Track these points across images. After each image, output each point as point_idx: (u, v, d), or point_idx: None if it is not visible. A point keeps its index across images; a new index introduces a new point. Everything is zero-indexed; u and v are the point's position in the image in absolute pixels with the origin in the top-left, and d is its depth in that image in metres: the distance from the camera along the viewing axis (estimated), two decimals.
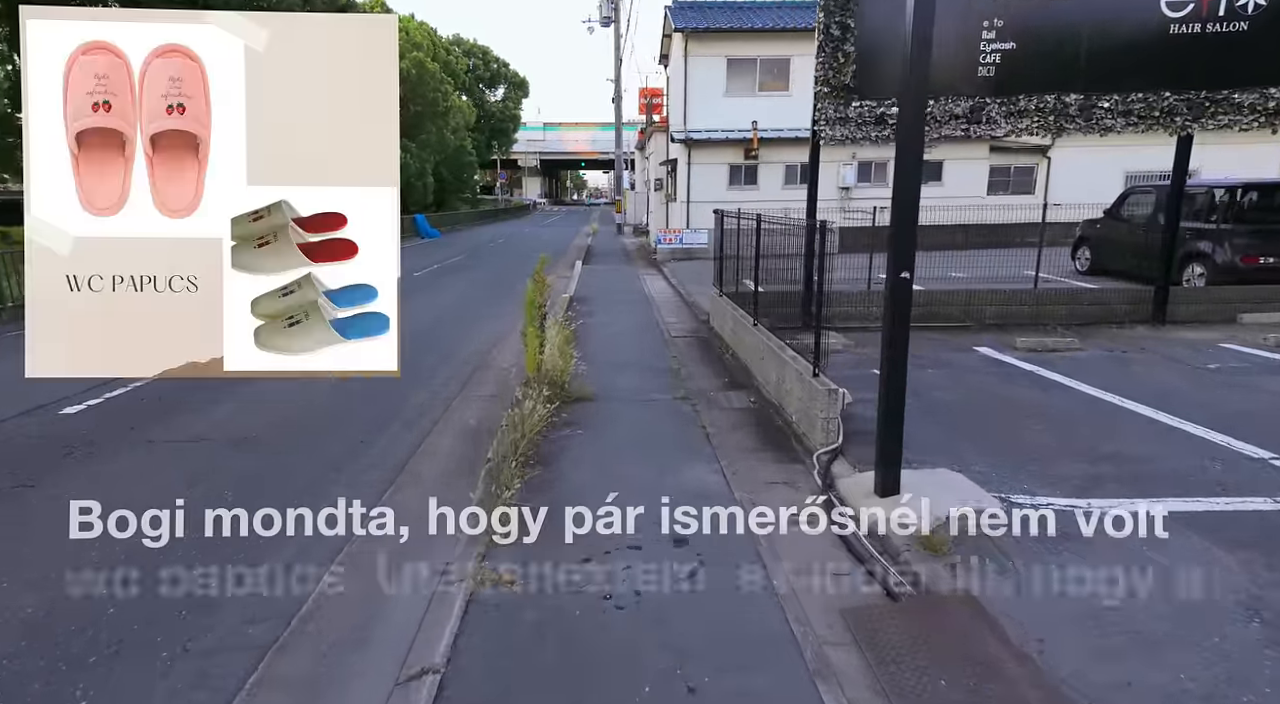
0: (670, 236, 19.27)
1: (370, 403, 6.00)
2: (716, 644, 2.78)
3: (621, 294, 13.35)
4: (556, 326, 7.19)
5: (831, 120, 8.48)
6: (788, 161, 19.73)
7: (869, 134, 8.55)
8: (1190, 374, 6.61)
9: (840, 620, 2.89)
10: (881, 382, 3.81)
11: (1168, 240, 8.82)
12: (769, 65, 19.61)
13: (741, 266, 8.20)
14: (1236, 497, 3.96)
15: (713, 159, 19.72)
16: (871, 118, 8.47)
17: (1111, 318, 9.22)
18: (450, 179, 41.36)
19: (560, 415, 5.47)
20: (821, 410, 4.68)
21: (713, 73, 19.60)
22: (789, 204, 18.50)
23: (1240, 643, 2.71)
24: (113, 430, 5.32)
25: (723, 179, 19.93)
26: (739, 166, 19.95)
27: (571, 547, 3.38)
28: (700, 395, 6.34)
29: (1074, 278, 12.30)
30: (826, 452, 4.55)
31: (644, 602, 3.06)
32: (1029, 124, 8.44)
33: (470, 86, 55.43)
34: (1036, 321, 9.16)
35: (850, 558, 3.42)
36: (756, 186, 19.86)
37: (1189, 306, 9.31)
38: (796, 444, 5.02)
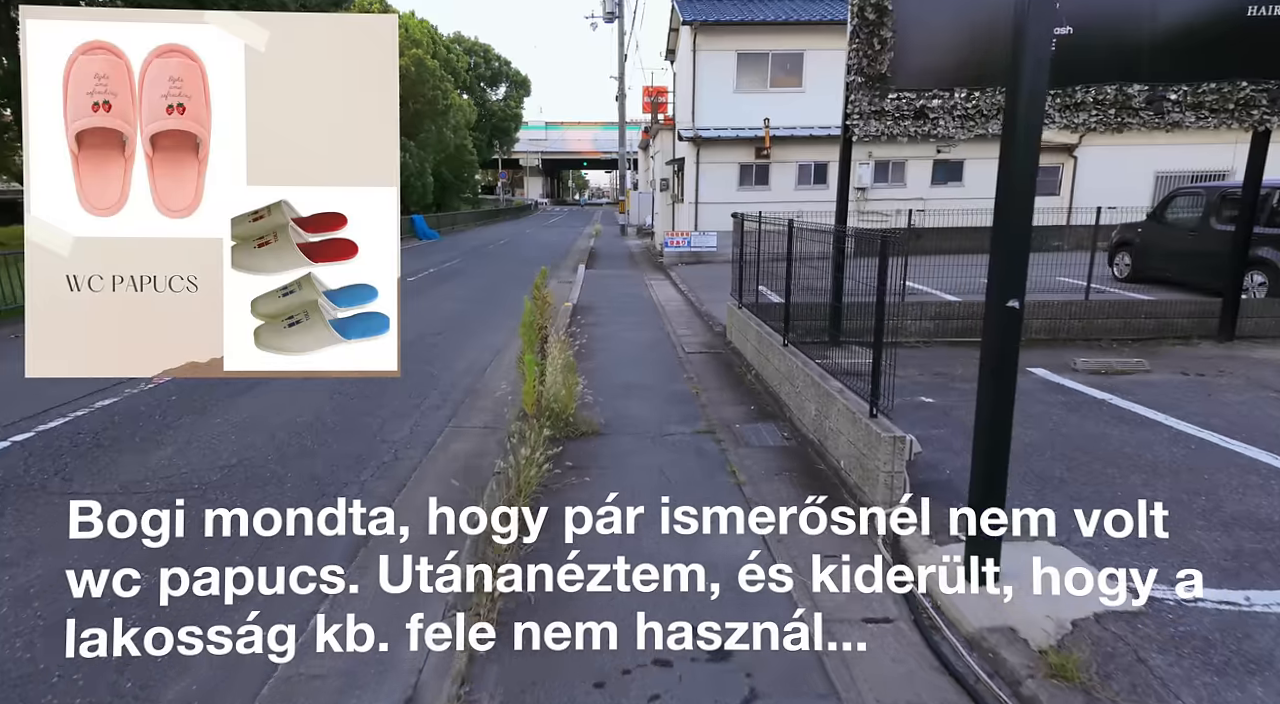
0: (678, 239, 18.45)
1: (343, 438, 5.15)
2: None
3: (628, 302, 12.51)
4: (559, 346, 6.33)
5: (865, 114, 7.62)
6: (801, 161, 18.90)
7: (907, 129, 7.68)
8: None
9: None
10: (979, 443, 2.96)
11: (1240, 246, 7.95)
12: (781, 60, 18.78)
13: (764, 275, 7.34)
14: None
15: (722, 158, 18.87)
16: (910, 111, 7.61)
17: (1171, 332, 8.35)
18: (451, 179, 40.66)
19: (563, 459, 4.61)
20: (884, 462, 3.82)
21: (722, 68, 18.84)
22: (802, 205, 17.52)
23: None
24: (31, 475, 4.45)
25: (732, 179, 19.06)
26: (749, 166, 19.07)
27: (576, 661, 2.52)
28: (724, 428, 5.50)
29: (1114, 285, 11.42)
30: (896, 519, 3.67)
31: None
32: (1086, 119, 7.58)
33: (471, 85, 54.71)
34: (1088, 337, 8.30)
35: (954, 685, 2.55)
36: (768, 187, 18.97)
37: (1254, 320, 8.44)
38: (848, 498, 4.17)
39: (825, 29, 17.86)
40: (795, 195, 18.28)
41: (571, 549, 3.50)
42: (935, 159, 18.61)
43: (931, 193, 18.38)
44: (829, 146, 17.95)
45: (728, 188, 18.86)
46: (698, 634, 2.68)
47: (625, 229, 30.97)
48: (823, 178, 18.70)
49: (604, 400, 5.99)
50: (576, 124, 70.07)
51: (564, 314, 10.38)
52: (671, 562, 3.26)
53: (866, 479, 4.03)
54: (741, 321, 8.01)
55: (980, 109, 7.48)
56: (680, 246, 18.29)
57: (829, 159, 18.05)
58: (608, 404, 5.92)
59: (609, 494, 4.16)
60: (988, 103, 7.44)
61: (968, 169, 18.71)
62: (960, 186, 18.64)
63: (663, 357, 8.16)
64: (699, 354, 8.31)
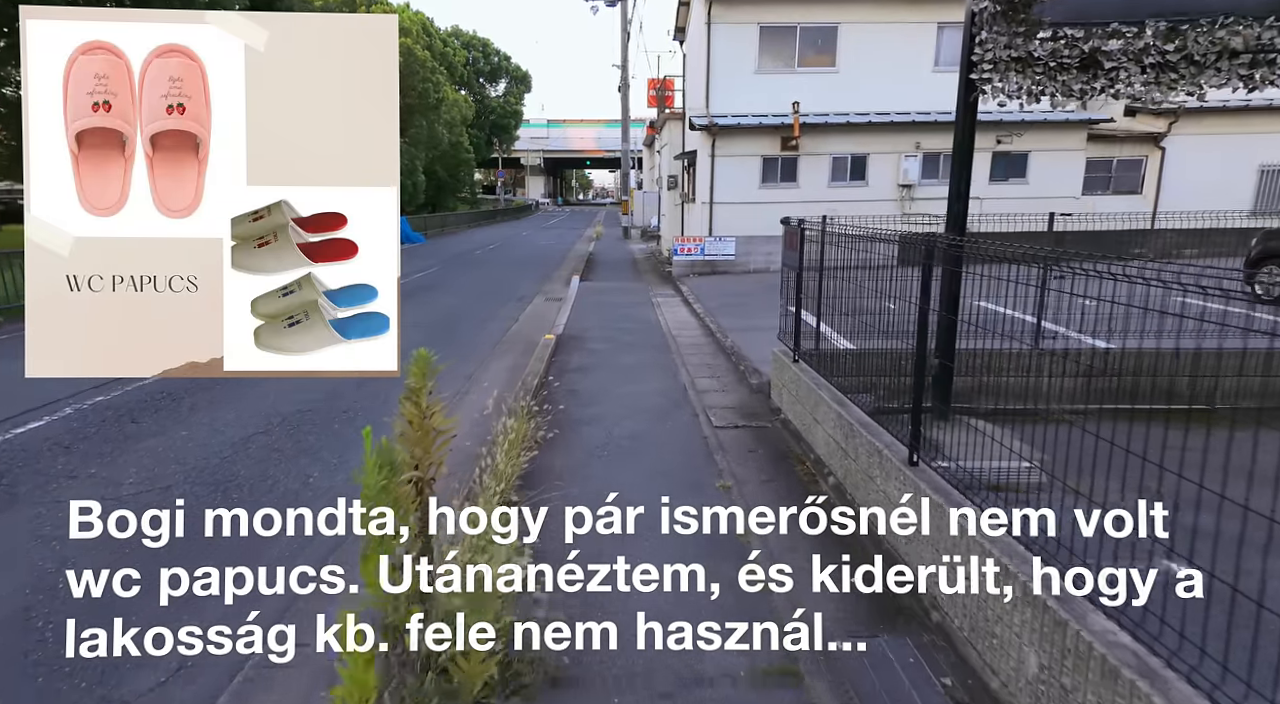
0: (689, 246, 16.12)
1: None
2: None
3: (629, 331, 10.03)
4: (508, 455, 3.64)
5: (1002, 64, 4.95)
6: (835, 153, 16.31)
7: (1067, 85, 5.07)
8: None
9: None
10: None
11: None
12: (812, 35, 16.12)
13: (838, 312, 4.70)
14: None
15: (742, 150, 16.26)
16: (1074, 58, 4.99)
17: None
18: (446, 177, 38.92)
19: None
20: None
21: (742, 44, 16.16)
22: (836, 206, 15.83)
23: None
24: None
25: (753, 174, 16.43)
26: (774, 160, 16.40)
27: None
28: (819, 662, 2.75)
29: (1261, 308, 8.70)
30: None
31: None
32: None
33: (469, 80, 52.77)
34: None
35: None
36: (796, 184, 16.41)
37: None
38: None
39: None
40: (829, 193, 15.92)
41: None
42: (994, 150, 16.06)
43: (989, 191, 15.62)
44: (869, 136, 16.16)
45: (748, 185, 16.34)
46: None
47: (629, 231, 29.26)
48: (861, 173, 16.41)
49: (574, 575, 3.21)
50: (579, 122, 68.55)
51: (541, 356, 7.64)
52: None
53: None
54: (799, 385, 5.29)
55: (1190, 54, 4.77)
56: (692, 254, 15.99)
57: (869, 150, 16.25)
58: (587, 561, 3.14)
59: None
60: (1204, 43, 4.71)
61: (1033, 163, 16.32)
62: (1023, 184, 16.22)
63: (678, 437, 5.49)
64: (733, 429, 5.65)
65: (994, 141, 15.81)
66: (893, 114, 15.83)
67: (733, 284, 13.39)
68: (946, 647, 3.05)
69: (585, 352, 8.42)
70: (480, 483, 3.84)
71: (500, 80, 58.46)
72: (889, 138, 15.97)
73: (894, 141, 16.03)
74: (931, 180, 16.02)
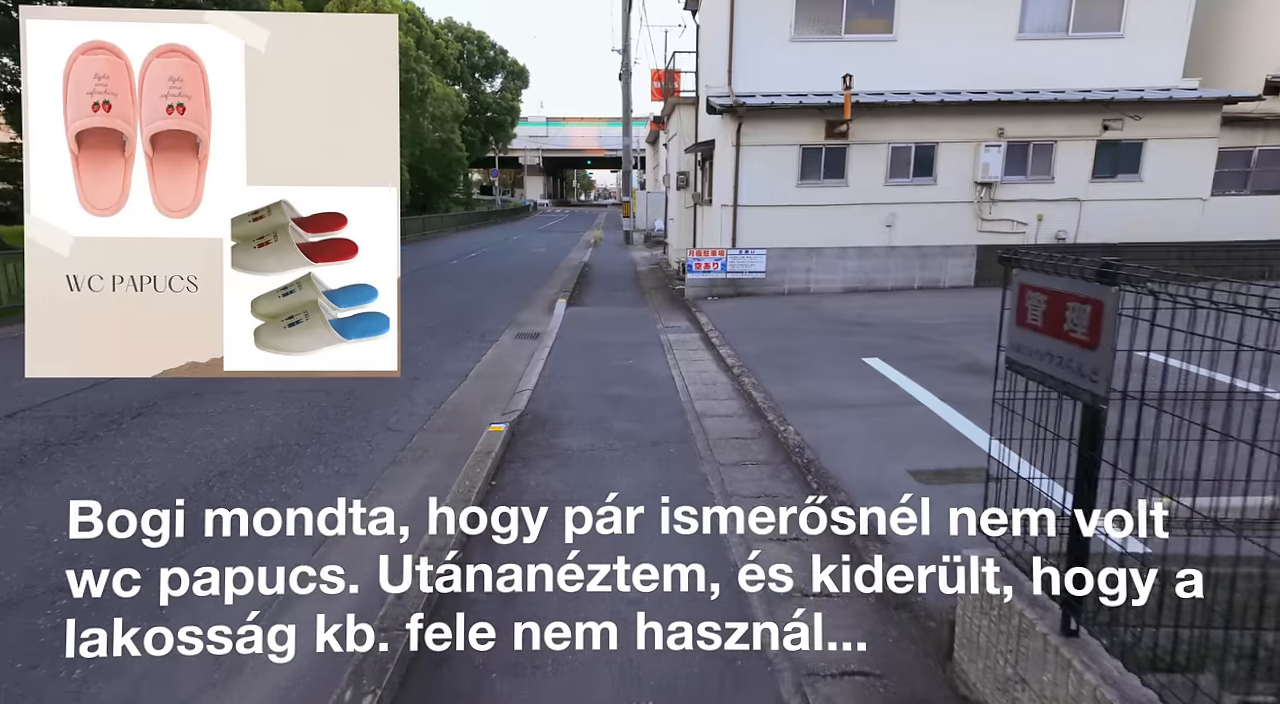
0: (707, 261, 13.29)
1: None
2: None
3: (629, 402, 6.72)
4: None
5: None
6: (895, 142, 13.30)
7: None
8: None
9: None
10: None
11: None
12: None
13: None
14: None
15: (774, 137, 13.28)
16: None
17: None
18: (436, 177, 38.53)
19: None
20: None
21: (773, 5, 13.25)
22: (897, 209, 13.98)
23: None
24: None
25: (790, 169, 13.42)
26: (816, 150, 13.39)
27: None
28: None
29: None
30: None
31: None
32: None
33: (462, 74, 52.52)
34: None
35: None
36: (843, 181, 13.51)
37: None
38: None
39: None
40: (886, 193, 13.47)
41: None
42: (1099, 139, 13.16)
43: (1091, 190, 13.20)
44: (937, 121, 13.21)
45: (783, 183, 13.45)
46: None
47: (630, 235, 28.74)
48: (927, 167, 13.50)
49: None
50: (580, 120, 68.52)
51: (474, 473, 4.83)
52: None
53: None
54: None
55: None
56: (711, 270, 13.20)
57: (937, 138, 13.29)
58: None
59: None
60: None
61: (1149, 155, 13.21)
62: (1135, 181, 13.28)
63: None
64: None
65: (1099, 127, 13.06)
66: (967, 93, 12.98)
67: (767, 313, 10.95)
68: None
69: (554, 457, 5.24)
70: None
71: (496, 75, 58.16)
72: (963, 123, 13.11)
73: (969, 128, 13.12)
74: (1017, 177, 13.21)
